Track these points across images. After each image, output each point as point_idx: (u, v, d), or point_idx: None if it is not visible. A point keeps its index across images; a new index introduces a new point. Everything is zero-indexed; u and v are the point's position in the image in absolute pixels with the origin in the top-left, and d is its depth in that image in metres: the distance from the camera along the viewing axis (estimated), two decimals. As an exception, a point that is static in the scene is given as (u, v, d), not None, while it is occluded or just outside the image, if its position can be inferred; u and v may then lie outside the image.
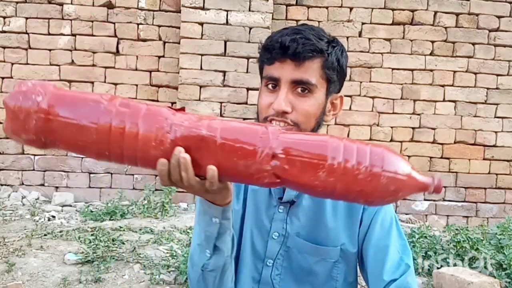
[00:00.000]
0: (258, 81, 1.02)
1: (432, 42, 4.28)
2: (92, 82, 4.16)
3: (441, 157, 4.31)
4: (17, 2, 4.10)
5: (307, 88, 0.92)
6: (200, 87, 3.96)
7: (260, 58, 0.98)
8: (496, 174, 4.35)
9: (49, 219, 3.53)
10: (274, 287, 1.02)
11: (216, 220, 0.87)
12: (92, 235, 3.12)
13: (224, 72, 3.96)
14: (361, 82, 4.24)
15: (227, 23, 3.94)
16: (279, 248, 1.02)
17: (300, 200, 1.01)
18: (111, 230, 3.20)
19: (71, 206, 3.99)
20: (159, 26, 4.19)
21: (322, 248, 1.00)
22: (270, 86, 0.94)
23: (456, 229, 3.43)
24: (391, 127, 4.27)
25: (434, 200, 4.33)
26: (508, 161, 4.36)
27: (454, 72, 4.30)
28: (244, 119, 3.95)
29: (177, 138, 0.72)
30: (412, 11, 4.26)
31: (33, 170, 4.16)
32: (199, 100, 3.95)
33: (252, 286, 1.03)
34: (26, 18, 4.11)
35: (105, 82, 4.17)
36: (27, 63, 4.12)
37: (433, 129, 4.29)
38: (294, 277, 1.02)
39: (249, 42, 3.93)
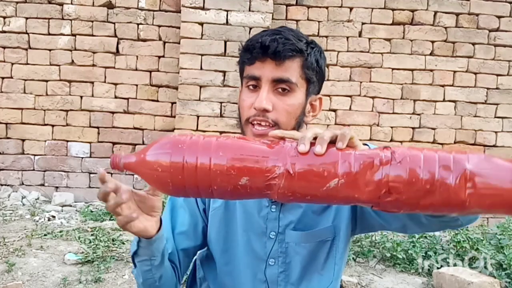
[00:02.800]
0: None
1: (432, 42, 4.28)
2: (92, 82, 4.17)
3: (441, 157, 4.30)
4: (17, 2, 4.10)
5: (288, 86, 0.93)
6: (200, 87, 3.96)
7: (240, 59, 0.98)
8: (496, 174, 4.35)
9: (49, 219, 3.53)
10: (279, 284, 1.03)
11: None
12: (92, 235, 3.12)
13: (224, 72, 3.96)
14: (361, 82, 4.24)
15: (227, 23, 3.94)
16: (278, 246, 1.03)
17: None
18: (111, 230, 3.21)
19: (71, 206, 3.99)
20: (159, 26, 4.19)
21: (316, 231, 1.01)
22: (250, 86, 0.95)
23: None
24: (391, 127, 4.27)
25: (434, 200, 4.33)
26: (508, 161, 4.35)
27: (454, 72, 4.30)
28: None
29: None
30: (412, 11, 4.26)
31: (33, 170, 4.16)
32: (199, 100, 3.95)
33: (259, 287, 1.04)
34: (26, 18, 4.11)
35: (105, 82, 4.17)
36: (27, 63, 4.13)
37: (433, 129, 4.29)
38: (298, 270, 1.03)
39: (249, 42, 3.93)
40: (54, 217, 3.58)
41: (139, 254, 0.94)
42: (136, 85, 4.19)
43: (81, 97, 4.16)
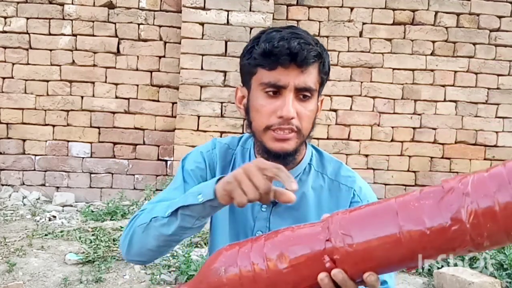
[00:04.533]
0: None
1: (433, 42, 4.28)
2: (93, 82, 4.17)
3: (442, 157, 4.30)
4: (18, 2, 4.10)
5: (309, 93, 0.92)
6: (201, 87, 3.96)
7: (253, 62, 0.93)
8: (497, 174, 4.34)
9: (50, 219, 3.54)
10: None
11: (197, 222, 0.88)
12: (93, 235, 3.13)
13: (225, 72, 3.96)
14: (362, 82, 4.24)
15: (227, 23, 3.94)
16: None
17: None
18: (112, 230, 3.21)
19: (71, 206, 3.99)
20: (160, 26, 4.19)
21: None
22: (270, 92, 0.92)
23: (457, 229, 3.42)
24: (392, 127, 4.27)
25: (435, 200, 4.33)
26: (509, 161, 4.34)
27: (455, 72, 4.30)
28: (245, 119, 3.95)
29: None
30: (413, 11, 4.26)
31: (34, 170, 4.16)
32: (200, 100, 3.95)
33: None
34: (27, 18, 4.11)
35: (105, 82, 4.17)
36: (28, 63, 4.13)
37: (434, 129, 4.29)
38: None
39: (249, 42, 3.93)
40: (55, 217, 3.58)
41: (191, 209, 0.86)
42: (137, 85, 4.19)
43: (82, 97, 4.17)
